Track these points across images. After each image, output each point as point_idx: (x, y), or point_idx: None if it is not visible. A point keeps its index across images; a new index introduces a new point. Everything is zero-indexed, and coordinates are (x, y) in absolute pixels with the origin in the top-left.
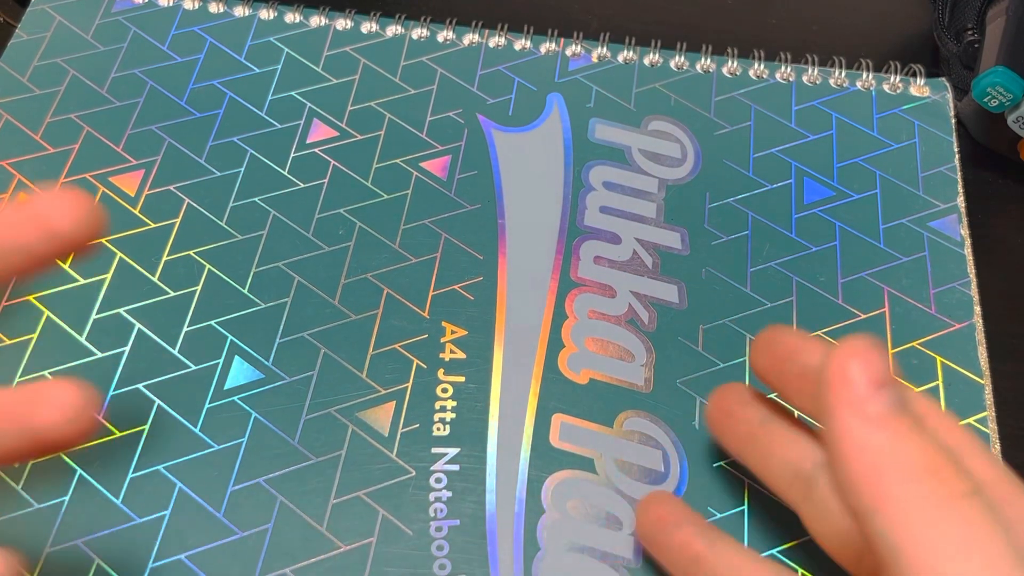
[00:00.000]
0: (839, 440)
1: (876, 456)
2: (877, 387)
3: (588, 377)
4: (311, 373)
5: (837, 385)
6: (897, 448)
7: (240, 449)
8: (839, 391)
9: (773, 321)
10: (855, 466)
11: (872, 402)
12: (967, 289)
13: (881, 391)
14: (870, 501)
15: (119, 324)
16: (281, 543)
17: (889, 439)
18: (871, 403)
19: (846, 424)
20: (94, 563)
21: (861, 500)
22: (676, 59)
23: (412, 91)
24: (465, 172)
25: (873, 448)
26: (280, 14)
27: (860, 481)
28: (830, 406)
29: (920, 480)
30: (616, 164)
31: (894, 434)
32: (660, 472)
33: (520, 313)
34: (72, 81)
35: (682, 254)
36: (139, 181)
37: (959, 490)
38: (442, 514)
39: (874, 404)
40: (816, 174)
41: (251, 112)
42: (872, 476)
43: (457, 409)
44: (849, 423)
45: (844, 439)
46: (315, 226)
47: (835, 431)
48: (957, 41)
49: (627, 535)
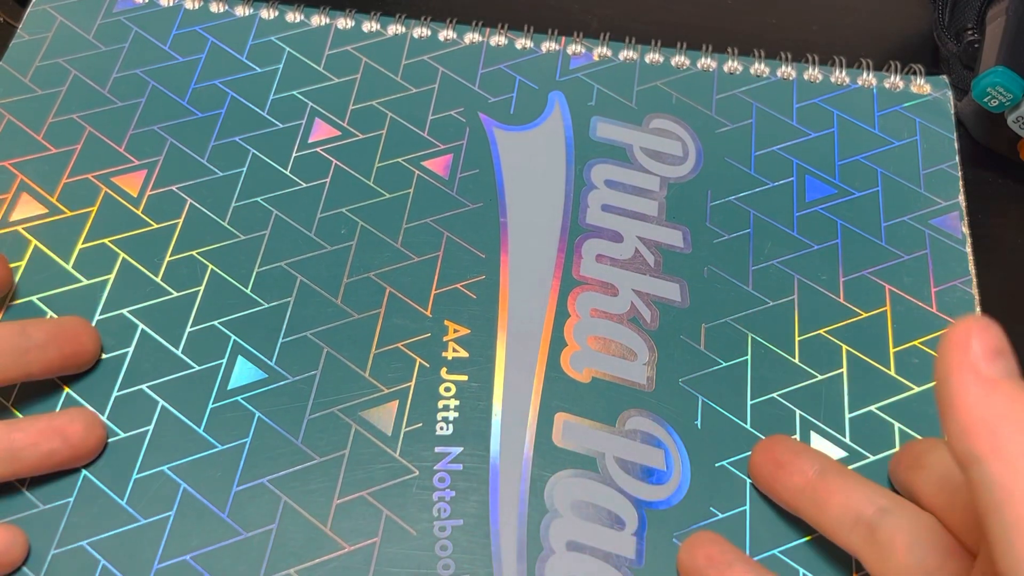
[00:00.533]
0: (955, 396)
1: (989, 411)
2: (994, 356)
3: (590, 376)
4: (314, 372)
5: (959, 350)
6: (1010, 406)
7: (244, 449)
8: (960, 355)
9: (775, 319)
10: (969, 419)
11: (989, 366)
12: (968, 287)
13: (998, 359)
14: (980, 451)
15: (122, 325)
16: (285, 543)
17: (1002, 398)
18: (988, 367)
19: (963, 381)
20: (99, 564)
21: (972, 449)
22: (677, 57)
23: (413, 90)
24: (467, 171)
25: (987, 404)
26: (281, 13)
27: (973, 432)
28: (948, 368)
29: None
30: (618, 162)
31: (1007, 395)
32: (662, 471)
33: (522, 311)
34: (74, 81)
35: (684, 252)
36: (141, 181)
37: None
38: (446, 514)
39: (990, 368)
40: (817, 172)
41: (253, 112)
42: (984, 429)
43: (460, 408)
44: (966, 380)
45: (959, 395)
46: (317, 225)
47: (951, 388)
48: (957, 41)
49: (630, 535)
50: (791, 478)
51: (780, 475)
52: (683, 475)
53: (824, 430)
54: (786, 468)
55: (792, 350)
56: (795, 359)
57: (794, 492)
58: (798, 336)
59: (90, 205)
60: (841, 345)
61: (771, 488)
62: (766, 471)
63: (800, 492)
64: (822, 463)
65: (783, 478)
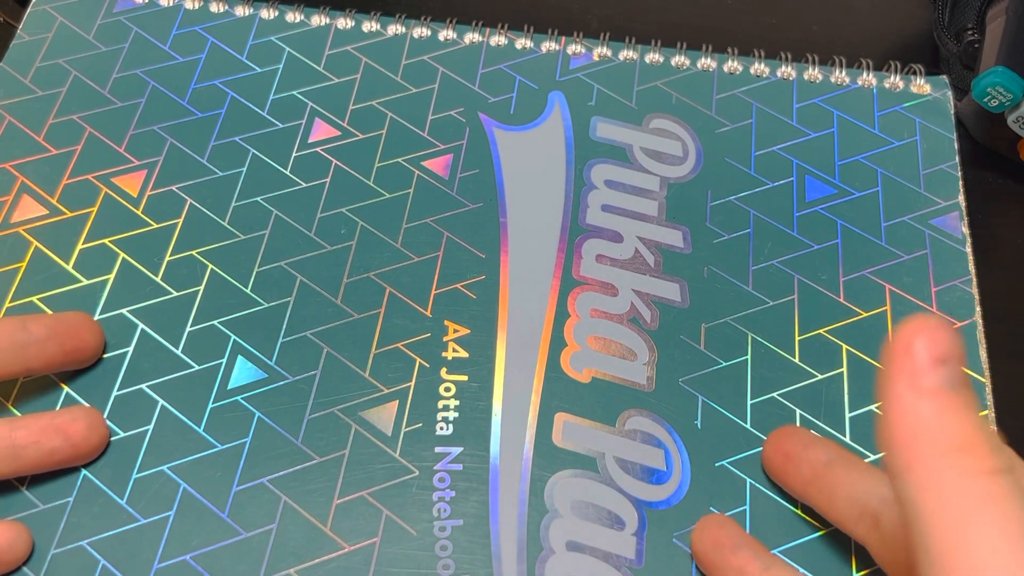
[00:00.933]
0: (889, 404)
1: (918, 424)
2: (936, 363)
3: (590, 376)
4: (314, 372)
5: (900, 355)
6: (939, 420)
7: (244, 449)
8: (901, 360)
9: (775, 319)
10: (898, 430)
11: (927, 376)
12: (968, 287)
13: (939, 368)
14: (904, 464)
15: (122, 324)
16: (285, 543)
17: (934, 411)
18: (926, 376)
19: (899, 390)
20: (99, 564)
21: (897, 461)
22: (677, 57)
23: (413, 90)
24: (467, 171)
25: (917, 416)
26: (281, 13)
27: (900, 444)
28: (889, 372)
29: (952, 452)
30: (618, 162)
31: (940, 408)
32: (662, 471)
33: (522, 311)
34: (74, 82)
35: (684, 252)
36: (141, 181)
37: (988, 467)
38: (446, 514)
39: (929, 377)
40: (817, 172)
41: (253, 112)
42: (911, 441)
43: (460, 408)
44: (901, 389)
45: (894, 404)
46: (317, 225)
47: (888, 395)
48: (957, 41)
49: (629, 535)
50: (800, 470)
51: (789, 467)
52: (683, 475)
53: (824, 430)
54: (794, 460)
55: (792, 350)
56: (795, 359)
57: (804, 484)
58: (798, 336)
59: (90, 206)
60: (841, 345)
61: (783, 481)
62: (776, 463)
63: (810, 484)
64: (829, 454)
65: (792, 470)
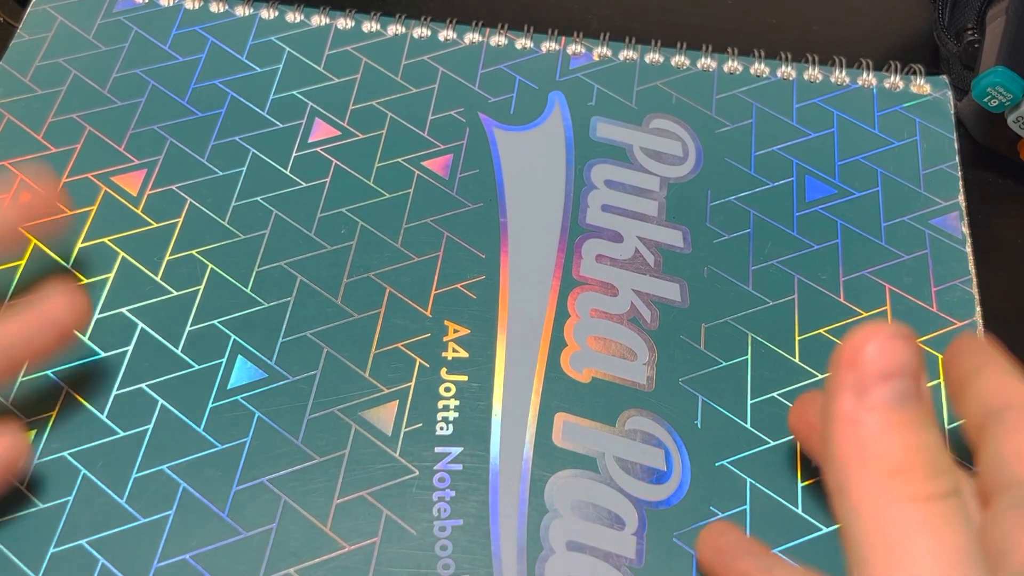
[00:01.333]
0: (833, 417)
1: (859, 442)
2: (884, 377)
3: (590, 376)
4: (314, 372)
5: (846, 366)
6: (880, 440)
7: (244, 449)
8: (846, 373)
9: (775, 319)
10: (839, 445)
11: (874, 391)
12: (968, 287)
13: (887, 382)
14: (841, 483)
15: (122, 324)
16: (285, 543)
17: (878, 429)
18: (873, 391)
19: (844, 405)
20: (99, 563)
21: (834, 478)
22: (677, 57)
23: (413, 90)
24: (467, 171)
25: (858, 433)
26: (281, 13)
27: (839, 460)
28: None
29: (889, 476)
30: (618, 162)
31: (884, 425)
32: (662, 471)
33: (522, 312)
34: (74, 81)
35: (684, 252)
36: (141, 181)
37: (925, 492)
38: (446, 514)
39: (875, 393)
40: (817, 172)
41: (253, 111)
42: (851, 459)
43: (460, 408)
44: (846, 405)
45: (837, 418)
46: (317, 225)
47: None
48: (957, 41)
49: (630, 534)
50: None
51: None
52: (683, 475)
53: None
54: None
55: (792, 350)
56: (795, 359)
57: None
58: (798, 336)
59: (90, 204)
60: None
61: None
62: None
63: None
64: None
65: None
